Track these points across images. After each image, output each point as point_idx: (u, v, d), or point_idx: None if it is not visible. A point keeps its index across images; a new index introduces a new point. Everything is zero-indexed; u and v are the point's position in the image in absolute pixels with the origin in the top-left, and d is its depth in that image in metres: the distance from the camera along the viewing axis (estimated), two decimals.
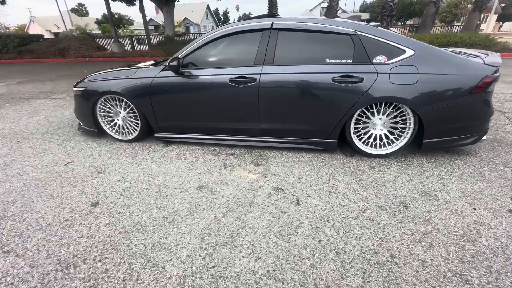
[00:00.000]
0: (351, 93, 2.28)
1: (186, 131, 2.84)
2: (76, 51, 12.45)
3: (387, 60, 2.25)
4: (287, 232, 1.65)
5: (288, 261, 1.45)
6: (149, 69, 2.73)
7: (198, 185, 2.18)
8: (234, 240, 1.60)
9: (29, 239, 1.65)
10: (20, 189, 2.18)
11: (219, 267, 1.42)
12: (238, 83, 2.44)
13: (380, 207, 1.85)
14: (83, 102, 2.95)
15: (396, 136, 2.45)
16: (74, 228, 1.73)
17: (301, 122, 2.50)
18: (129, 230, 1.71)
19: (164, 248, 1.56)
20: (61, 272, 1.42)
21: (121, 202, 1.99)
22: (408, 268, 1.38)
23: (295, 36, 2.39)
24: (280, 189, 2.10)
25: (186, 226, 1.72)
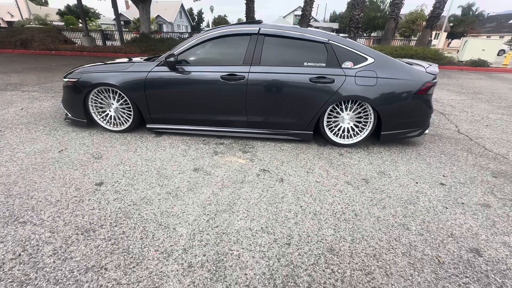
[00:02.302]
0: (324, 92, 2.73)
1: (177, 123, 3.08)
2: (41, 43, 11.66)
3: (353, 65, 2.74)
4: (274, 201, 2.01)
5: (277, 221, 1.81)
6: (144, 64, 2.93)
7: (194, 168, 2.46)
8: (231, 208, 1.92)
9: (42, 212, 1.80)
10: (18, 173, 2.26)
11: (221, 227, 1.73)
12: (229, 79, 2.76)
13: (347, 183, 2.30)
14: (74, 93, 3.03)
15: (360, 129, 2.95)
16: (84, 202, 1.92)
17: (282, 116, 2.89)
18: (137, 203, 1.94)
19: (172, 215, 1.82)
20: (81, 235, 1.62)
21: (124, 182, 2.19)
22: (367, 222, 1.82)
23: (279, 41, 2.78)
24: (266, 170, 2.46)
25: (189, 199, 2.00)
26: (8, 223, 1.69)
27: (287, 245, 1.60)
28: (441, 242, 1.67)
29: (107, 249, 1.52)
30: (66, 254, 1.48)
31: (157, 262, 1.45)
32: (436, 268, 1.47)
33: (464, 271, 1.46)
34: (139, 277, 1.36)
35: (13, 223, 1.69)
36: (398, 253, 1.57)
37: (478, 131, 3.72)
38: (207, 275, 1.38)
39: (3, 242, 1.54)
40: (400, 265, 1.49)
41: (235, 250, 1.55)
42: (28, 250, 1.50)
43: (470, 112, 4.73)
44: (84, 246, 1.53)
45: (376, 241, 1.66)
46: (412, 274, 1.43)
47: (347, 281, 1.38)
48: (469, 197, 2.15)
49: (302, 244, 1.61)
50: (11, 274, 1.35)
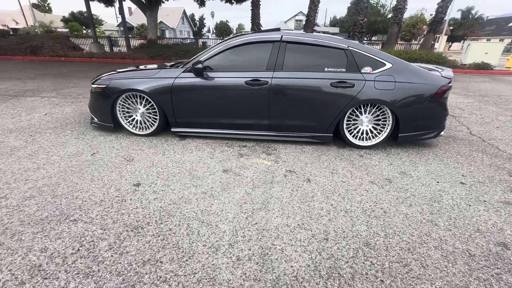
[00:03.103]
0: (345, 96, 2.84)
1: (201, 126, 3.20)
2: (50, 49, 11.88)
3: (372, 70, 2.86)
4: (305, 200, 2.11)
5: (311, 218, 1.91)
6: (170, 70, 3.06)
7: (223, 169, 2.57)
8: (266, 206, 2.02)
9: (89, 211, 1.91)
10: (58, 175, 2.37)
11: (260, 223, 1.83)
12: (253, 85, 2.89)
13: (371, 182, 2.40)
14: (103, 99, 3.16)
15: (378, 131, 3.06)
16: (127, 202, 2.02)
17: (303, 119, 3.01)
18: (177, 202, 2.04)
19: (212, 213, 1.93)
20: (131, 232, 1.72)
21: (160, 182, 2.30)
22: (397, 219, 1.92)
23: (300, 48, 2.91)
24: (293, 171, 2.57)
25: (224, 198, 2.10)
26: (60, 221, 1.80)
27: (325, 240, 1.70)
28: (469, 236, 1.76)
29: (158, 245, 1.62)
30: (121, 249, 1.58)
31: (207, 256, 1.55)
32: (468, 260, 1.57)
33: (494, 263, 1.56)
34: (194, 269, 1.46)
35: (65, 221, 1.79)
36: (430, 246, 1.67)
37: (490, 132, 3.83)
38: (256, 267, 1.48)
39: (61, 238, 1.64)
40: (434, 257, 1.58)
41: (277, 244, 1.65)
42: (85, 245, 1.60)
43: (479, 114, 4.83)
44: (136, 242, 1.64)
45: (408, 236, 1.75)
46: (446, 266, 1.52)
47: (387, 272, 1.48)
48: (490, 195, 2.24)
49: (339, 239, 1.71)
50: (75, 266, 1.45)
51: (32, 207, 1.93)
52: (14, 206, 1.93)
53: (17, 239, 1.63)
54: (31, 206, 1.94)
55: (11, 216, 1.83)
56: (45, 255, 1.52)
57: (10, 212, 1.87)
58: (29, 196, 2.05)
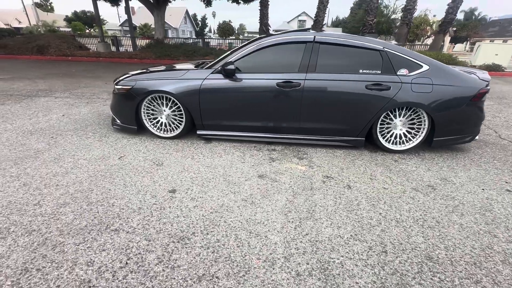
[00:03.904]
0: (380, 99, 2.75)
1: (228, 129, 3.10)
2: (57, 49, 11.79)
3: (408, 72, 2.76)
4: (352, 208, 2.02)
5: (363, 228, 1.81)
6: (198, 71, 2.97)
7: (258, 174, 2.47)
8: (312, 215, 1.93)
9: (129, 219, 1.81)
10: (89, 180, 2.28)
11: (311, 234, 1.74)
12: (284, 87, 2.79)
13: (415, 189, 2.30)
14: (127, 100, 3.07)
15: (412, 135, 2.97)
16: (166, 210, 1.93)
17: (335, 122, 2.91)
18: (218, 210, 1.95)
19: (258, 222, 1.83)
20: (178, 243, 1.63)
21: (196, 189, 2.21)
22: (452, 229, 1.82)
23: (334, 49, 2.81)
24: (330, 177, 2.47)
25: (267, 206, 2.01)
26: (101, 230, 1.70)
27: (384, 253, 1.60)
28: None
29: (209, 258, 1.53)
30: (172, 262, 1.49)
31: (264, 271, 1.45)
32: None
33: None
34: (253, 285, 1.37)
35: (106, 231, 1.70)
36: (497, 261, 1.57)
37: None
38: (319, 284, 1.39)
39: (105, 250, 1.55)
40: (504, 273, 1.49)
41: (335, 258, 1.56)
42: (133, 258, 1.51)
43: (502, 117, 4.73)
44: (186, 254, 1.54)
45: (470, 248, 1.66)
46: None
47: None
48: None
49: (399, 252, 1.61)
50: (127, 282, 1.36)
51: (69, 215, 1.83)
52: (49, 214, 1.84)
53: (59, 251, 1.53)
54: (67, 214, 1.84)
55: (48, 225, 1.73)
56: (92, 269, 1.43)
57: (46, 220, 1.77)
58: (63, 203, 1.96)
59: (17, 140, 3.04)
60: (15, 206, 1.91)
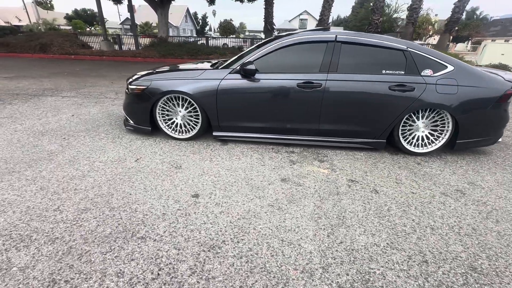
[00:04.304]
0: (404, 100, 2.67)
1: (245, 131, 3.02)
2: (60, 47, 11.68)
3: (433, 73, 2.69)
4: (383, 214, 1.95)
5: (397, 235, 1.74)
6: (216, 71, 2.89)
7: (281, 178, 2.40)
8: (344, 222, 1.86)
9: (155, 226, 1.74)
10: (107, 184, 2.20)
11: (346, 243, 1.67)
12: (305, 87, 2.71)
13: (444, 194, 2.23)
14: (142, 100, 2.99)
15: (435, 137, 2.89)
16: (191, 216, 1.85)
17: (356, 124, 2.84)
18: (246, 216, 1.87)
19: (288, 230, 1.76)
20: (209, 252, 1.55)
21: (219, 193, 2.13)
22: (490, 237, 1.75)
23: (356, 48, 2.73)
24: (355, 181, 2.40)
25: (295, 212, 1.94)
26: (127, 238, 1.63)
27: (425, 263, 1.53)
28: None
29: (244, 268, 1.45)
30: (205, 273, 1.42)
31: (304, 282, 1.38)
32: None
33: None
34: None
35: (132, 239, 1.63)
36: None
37: None
38: None
39: (134, 260, 1.48)
40: None
41: (375, 268, 1.48)
42: (164, 269, 1.43)
43: None
44: (219, 265, 1.47)
45: None
46: None
47: None
48: None
49: (440, 262, 1.54)
50: None
51: (91, 221, 1.76)
52: (71, 220, 1.76)
53: (86, 261, 1.46)
54: (90, 220, 1.77)
55: (71, 232, 1.66)
56: (123, 280, 1.35)
57: (69, 227, 1.70)
58: (84, 208, 1.88)
59: (29, 141, 2.96)
60: (34, 211, 1.83)
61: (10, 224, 1.71)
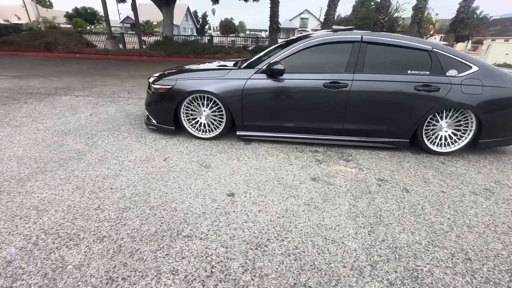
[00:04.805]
0: (429, 100, 2.70)
1: (269, 130, 3.05)
2: (65, 46, 11.64)
3: (457, 73, 2.72)
4: (418, 213, 1.98)
5: (437, 234, 1.77)
6: (241, 71, 2.91)
7: (311, 177, 2.42)
8: (381, 220, 1.88)
9: (198, 225, 1.76)
10: (142, 183, 2.22)
11: (388, 241, 1.70)
12: (331, 87, 2.74)
13: (473, 193, 2.27)
14: (166, 100, 3.00)
15: (458, 137, 2.93)
16: (231, 215, 1.88)
17: (381, 123, 2.87)
18: (284, 215, 1.90)
19: (329, 228, 1.79)
20: (257, 250, 1.58)
21: (254, 192, 2.16)
22: None
23: (382, 49, 2.76)
24: (384, 180, 2.43)
25: (332, 211, 1.96)
26: (173, 237, 1.65)
27: (469, 261, 1.56)
28: None
29: (295, 265, 1.48)
30: (257, 270, 1.44)
31: (355, 280, 1.41)
32: None
33: None
34: None
35: (178, 237, 1.65)
36: None
37: None
38: None
39: (185, 258, 1.50)
40: None
41: (421, 266, 1.51)
42: (216, 266, 1.46)
43: None
44: (269, 262, 1.50)
45: None
46: None
47: None
48: None
49: (483, 259, 1.57)
50: None
51: (134, 220, 1.78)
52: (114, 219, 1.78)
53: (138, 259, 1.48)
54: (133, 219, 1.79)
55: (117, 231, 1.68)
56: (179, 278, 1.38)
57: (113, 226, 1.72)
58: (124, 207, 1.90)
59: (54, 141, 2.97)
60: (76, 210, 1.85)
61: (55, 223, 1.72)
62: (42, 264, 1.42)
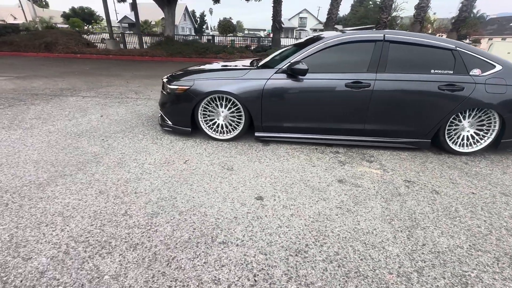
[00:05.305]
0: (453, 100, 2.67)
1: (288, 131, 2.99)
2: (65, 46, 11.48)
3: (481, 72, 2.68)
4: (452, 216, 1.93)
5: (476, 237, 1.73)
6: (261, 71, 2.85)
7: (337, 179, 2.37)
8: (417, 223, 1.84)
9: (231, 231, 1.71)
10: (166, 187, 2.16)
11: (428, 245, 1.65)
12: (353, 87, 2.69)
13: (504, 194, 2.23)
14: (184, 101, 2.93)
15: (480, 137, 2.89)
16: (264, 219, 1.82)
17: (402, 123, 2.82)
18: (319, 219, 1.85)
19: (366, 232, 1.74)
20: (297, 256, 1.53)
21: (282, 196, 2.10)
22: None
23: (405, 48, 2.71)
24: (411, 181, 2.39)
25: (366, 214, 1.91)
26: (208, 243, 1.59)
27: None
28: None
29: (339, 273, 1.43)
30: (302, 278, 1.39)
31: (404, 287, 1.36)
32: None
33: None
34: None
35: (214, 244, 1.59)
36: None
37: None
38: None
39: (225, 266, 1.44)
40: None
41: (468, 271, 1.47)
42: (259, 275, 1.40)
43: None
44: (313, 270, 1.44)
45: None
46: None
47: None
48: None
49: None
50: None
51: (165, 226, 1.72)
52: (144, 225, 1.72)
53: (177, 268, 1.42)
54: (163, 225, 1.73)
55: (149, 237, 1.62)
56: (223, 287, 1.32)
57: (145, 233, 1.66)
58: (153, 212, 1.84)
59: (68, 143, 2.90)
60: (103, 216, 1.78)
61: (84, 230, 1.66)
62: (77, 275, 1.35)
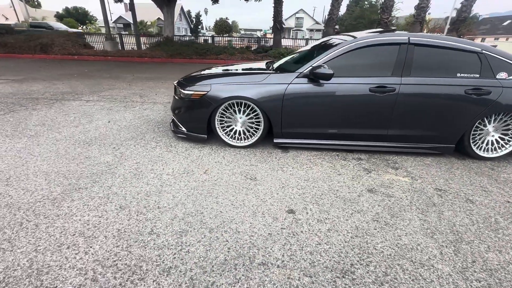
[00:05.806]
0: (479, 104, 2.59)
1: (308, 137, 2.89)
2: (61, 47, 11.21)
3: (508, 76, 2.61)
4: (493, 227, 1.85)
5: None
6: (282, 75, 2.74)
7: (367, 188, 2.28)
8: (461, 237, 1.75)
9: (268, 249, 1.59)
10: (190, 200, 2.03)
11: (478, 262, 1.56)
12: (378, 92, 2.60)
13: None
14: (200, 106, 2.81)
15: (505, 141, 2.83)
16: (301, 236, 1.71)
17: (428, 128, 2.74)
18: (358, 234, 1.74)
19: (411, 249, 1.64)
20: (344, 278, 1.42)
21: (313, 208, 1.99)
22: None
23: (430, 51, 2.63)
24: (442, 190, 2.30)
25: (405, 227, 1.82)
26: (246, 265, 1.48)
27: None
28: None
29: None
30: None
31: None
32: None
33: None
34: None
35: (252, 265, 1.47)
36: None
37: None
38: None
39: None
40: None
41: None
42: None
43: None
44: None
45: None
46: None
47: None
48: None
49: None
50: None
51: (197, 246, 1.60)
52: (174, 245, 1.60)
53: None
54: (195, 245, 1.61)
55: (182, 260, 1.50)
56: None
57: (176, 254, 1.53)
58: (181, 230, 1.72)
59: (78, 152, 2.75)
60: (128, 236, 1.65)
61: (109, 252, 1.53)
62: None
